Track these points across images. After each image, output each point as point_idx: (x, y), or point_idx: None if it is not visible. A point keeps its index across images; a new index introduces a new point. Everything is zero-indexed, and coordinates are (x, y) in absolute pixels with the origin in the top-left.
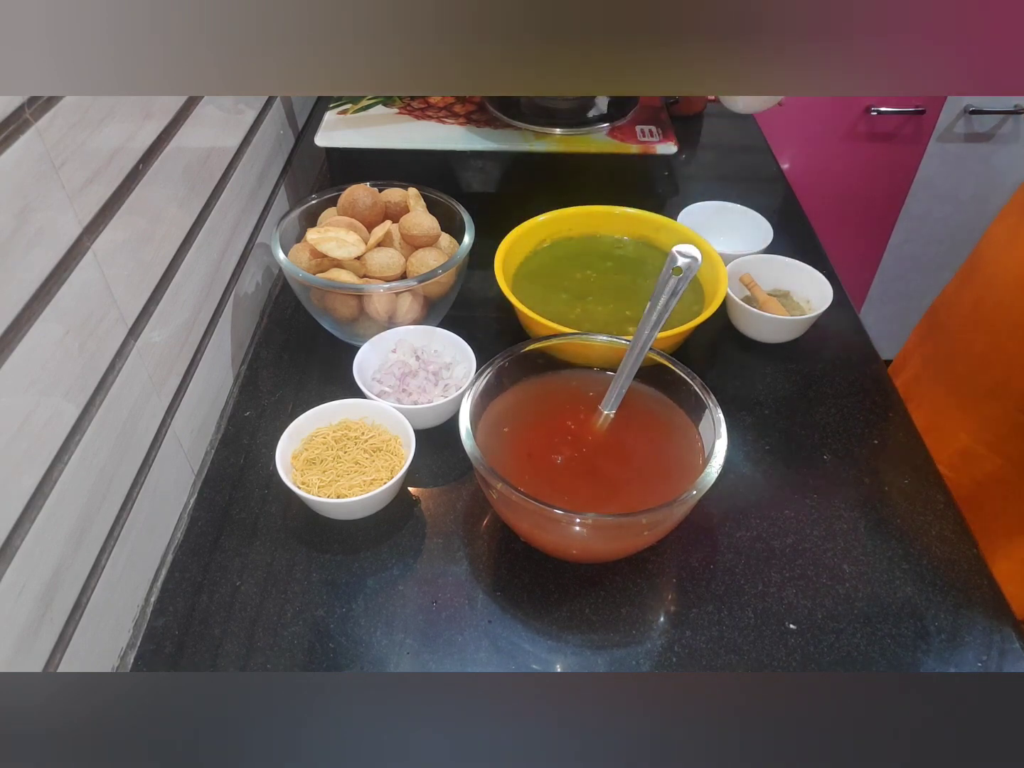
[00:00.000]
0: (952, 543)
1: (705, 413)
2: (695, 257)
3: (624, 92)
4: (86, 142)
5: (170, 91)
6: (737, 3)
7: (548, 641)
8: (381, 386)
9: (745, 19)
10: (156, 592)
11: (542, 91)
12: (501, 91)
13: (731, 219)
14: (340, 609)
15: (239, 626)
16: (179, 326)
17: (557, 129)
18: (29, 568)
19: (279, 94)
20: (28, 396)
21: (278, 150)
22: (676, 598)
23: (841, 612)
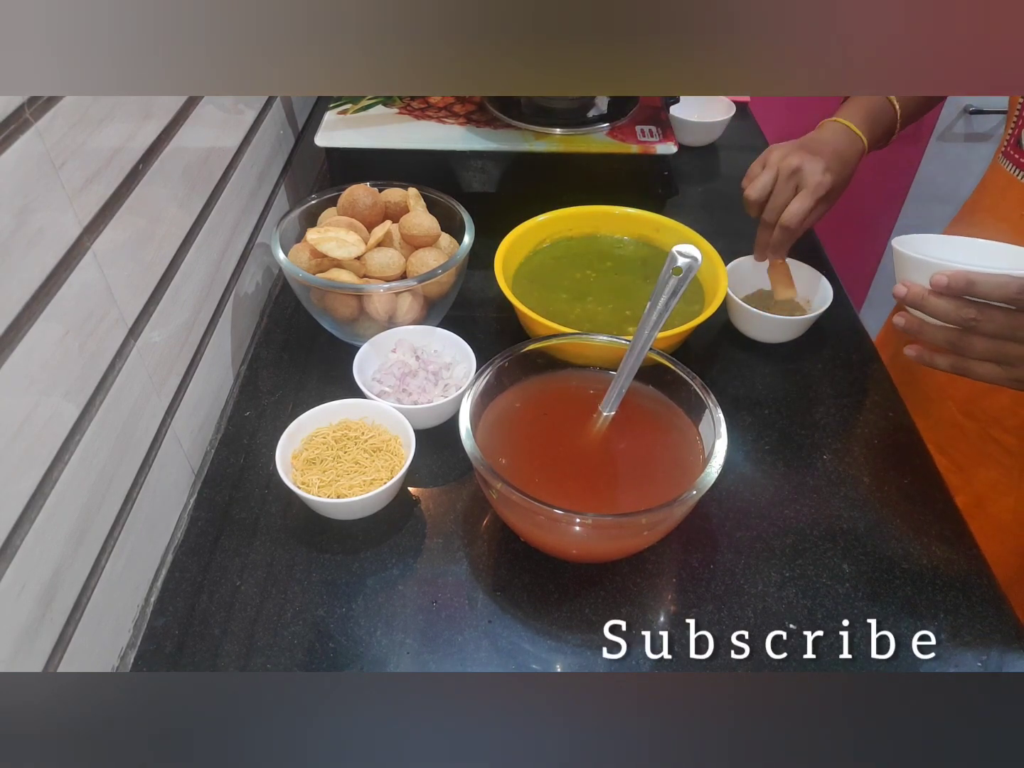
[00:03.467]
0: (952, 543)
1: (705, 413)
2: (695, 257)
3: (624, 92)
4: (86, 142)
5: (170, 91)
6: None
7: (548, 641)
8: (381, 386)
9: (745, 19)
10: (156, 592)
11: (542, 91)
12: (501, 91)
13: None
14: (340, 609)
15: (239, 626)
16: (179, 326)
17: (557, 129)
18: (29, 568)
19: (279, 94)
20: (28, 396)
21: (278, 150)
22: (676, 598)
23: (841, 612)
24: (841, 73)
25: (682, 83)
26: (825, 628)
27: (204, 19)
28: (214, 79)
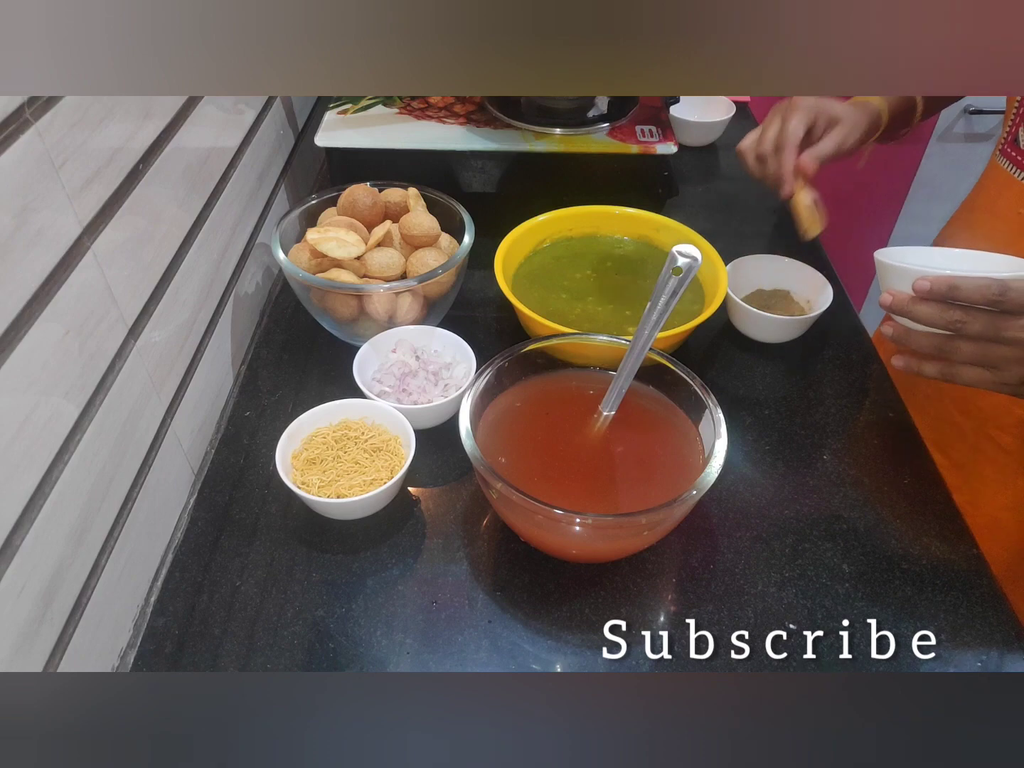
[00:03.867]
0: (952, 543)
1: (705, 413)
2: (695, 257)
3: (624, 92)
4: (86, 142)
5: (170, 91)
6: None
7: (548, 641)
8: (381, 386)
9: (744, 19)
10: (156, 592)
11: (542, 91)
12: (501, 91)
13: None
14: (340, 609)
15: (239, 626)
16: (179, 326)
17: (557, 129)
18: (29, 568)
19: (279, 94)
20: (28, 396)
21: (278, 150)
22: (676, 598)
23: (841, 612)
24: (841, 73)
25: (682, 83)
26: (825, 628)
27: (204, 19)
28: (214, 79)
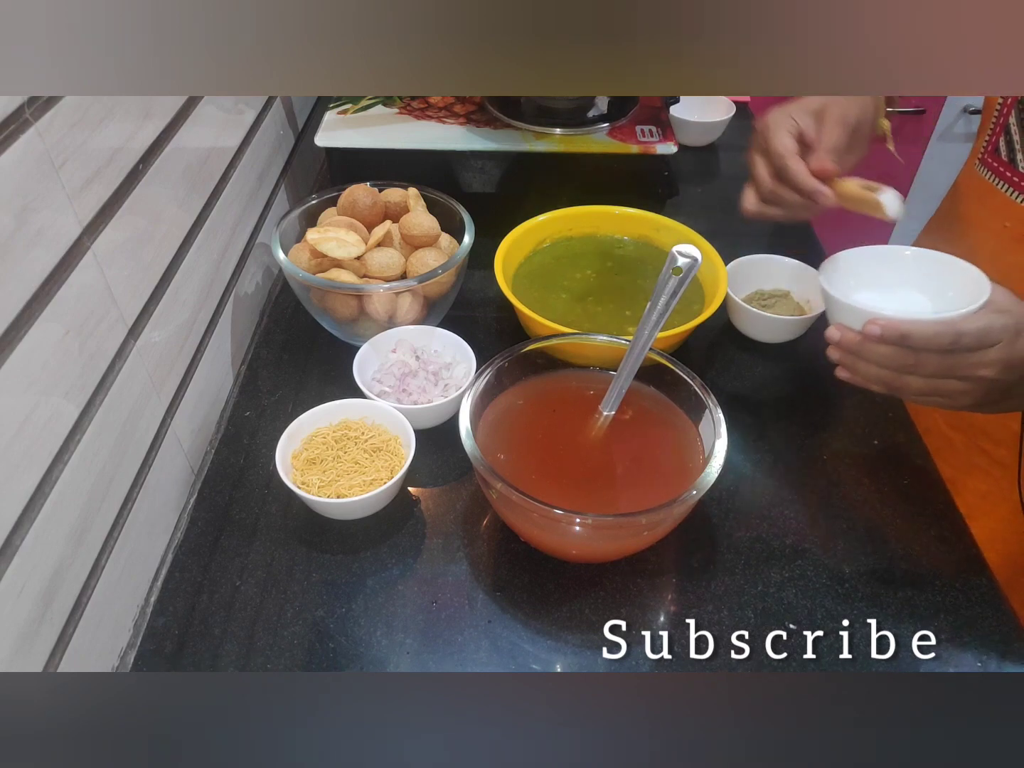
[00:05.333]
0: (952, 543)
1: (705, 413)
2: (695, 257)
3: (624, 92)
4: (86, 142)
5: (170, 91)
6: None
7: (548, 641)
8: (381, 386)
9: (744, 19)
10: (156, 592)
11: (542, 91)
12: (501, 91)
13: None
14: (340, 609)
15: (239, 626)
16: (179, 326)
17: (557, 129)
18: (29, 568)
19: (279, 94)
20: (28, 396)
21: (278, 150)
22: (676, 598)
23: (841, 612)
24: (841, 73)
25: (682, 83)
26: (825, 628)
27: (204, 19)
28: (214, 79)
